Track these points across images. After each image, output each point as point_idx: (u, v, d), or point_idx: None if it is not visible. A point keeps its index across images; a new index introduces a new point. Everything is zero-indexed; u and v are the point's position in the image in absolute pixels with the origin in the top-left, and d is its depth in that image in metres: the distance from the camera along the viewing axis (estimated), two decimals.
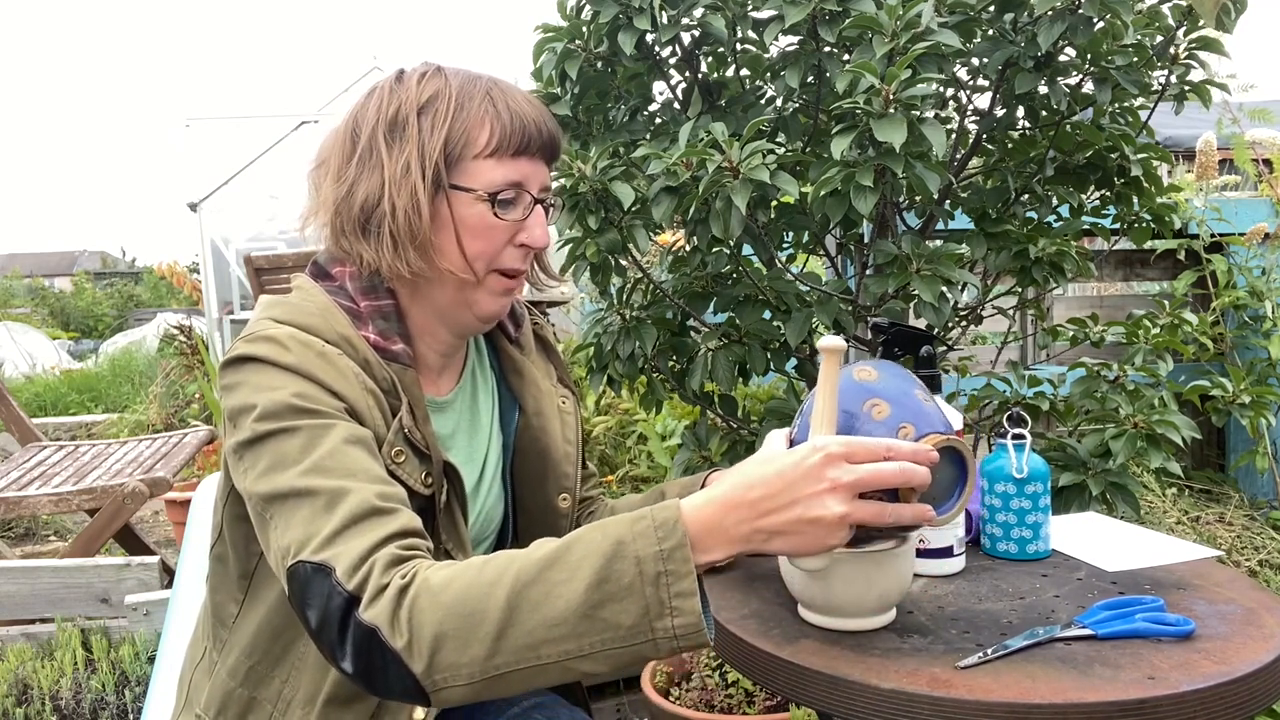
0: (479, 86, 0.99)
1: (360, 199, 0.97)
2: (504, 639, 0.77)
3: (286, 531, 0.85)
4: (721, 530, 0.80)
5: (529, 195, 1.01)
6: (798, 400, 1.75)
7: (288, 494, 0.86)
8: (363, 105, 1.01)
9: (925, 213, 1.85)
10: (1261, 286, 3.02)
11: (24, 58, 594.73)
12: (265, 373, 0.91)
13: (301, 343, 0.92)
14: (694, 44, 1.79)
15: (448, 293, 1.02)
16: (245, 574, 1.01)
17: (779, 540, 0.81)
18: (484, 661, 0.77)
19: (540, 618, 0.77)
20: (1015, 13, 1.65)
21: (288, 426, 0.88)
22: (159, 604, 2.06)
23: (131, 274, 22.65)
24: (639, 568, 0.77)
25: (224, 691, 1.01)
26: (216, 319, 6.26)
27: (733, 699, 2.00)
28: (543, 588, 0.77)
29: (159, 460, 2.95)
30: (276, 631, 0.99)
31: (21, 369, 8.84)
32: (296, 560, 0.83)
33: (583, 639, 0.77)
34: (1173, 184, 1.87)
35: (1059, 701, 0.79)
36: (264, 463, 0.88)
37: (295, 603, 0.83)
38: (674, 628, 0.77)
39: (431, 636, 0.77)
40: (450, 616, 0.77)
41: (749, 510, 0.80)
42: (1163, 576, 1.08)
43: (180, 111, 61.38)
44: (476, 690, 0.78)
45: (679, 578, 0.77)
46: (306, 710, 0.97)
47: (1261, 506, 2.97)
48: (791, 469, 0.80)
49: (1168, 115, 1.83)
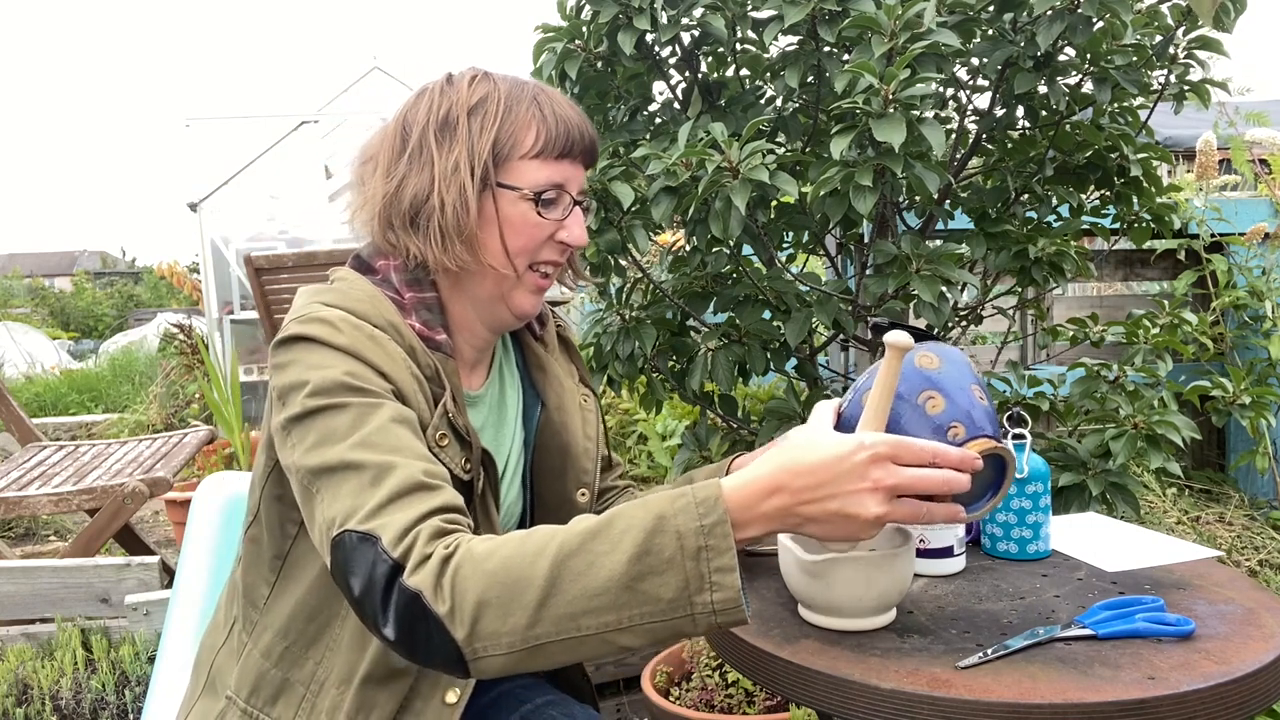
0: (526, 91, 1.04)
1: (410, 194, 1.01)
2: (545, 608, 0.78)
3: (333, 503, 0.86)
4: (759, 510, 0.82)
5: (569, 196, 1.06)
6: (798, 400, 1.75)
7: (335, 467, 0.87)
8: (413, 106, 1.06)
9: (925, 213, 1.85)
10: (1261, 286, 3.03)
11: (24, 58, 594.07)
12: (317, 352, 0.93)
13: (353, 325, 0.95)
14: (694, 44, 1.79)
15: (487, 288, 1.06)
16: (279, 555, 1.02)
17: (812, 526, 0.83)
18: (525, 630, 0.78)
19: (581, 588, 0.78)
20: (1015, 12, 1.65)
21: (338, 403, 0.90)
22: (159, 604, 2.05)
23: (131, 274, 22.65)
24: (680, 542, 0.79)
25: (257, 673, 1.01)
26: (216, 319, 6.26)
27: (733, 699, 2.00)
28: (585, 559, 0.79)
29: (159, 460, 2.95)
30: (311, 613, 1.00)
31: (21, 369, 8.84)
32: (342, 530, 0.84)
33: (622, 611, 0.78)
34: (1172, 184, 1.87)
35: (1059, 701, 0.79)
36: (313, 437, 0.89)
37: (338, 572, 0.85)
38: (713, 603, 0.78)
39: (474, 604, 0.79)
40: (493, 585, 0.79)
41: (789, 496, 0.82)
42: (1163, 576, 1.08)
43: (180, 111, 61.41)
44: (516, 660, 0.79)
45: (719, 553, 0.78)
46: (341, 690, 0.97)
47: (1261, 506, 2.97)
48: (835, 462, 0.81)
49: (1168, 115, 1.84)
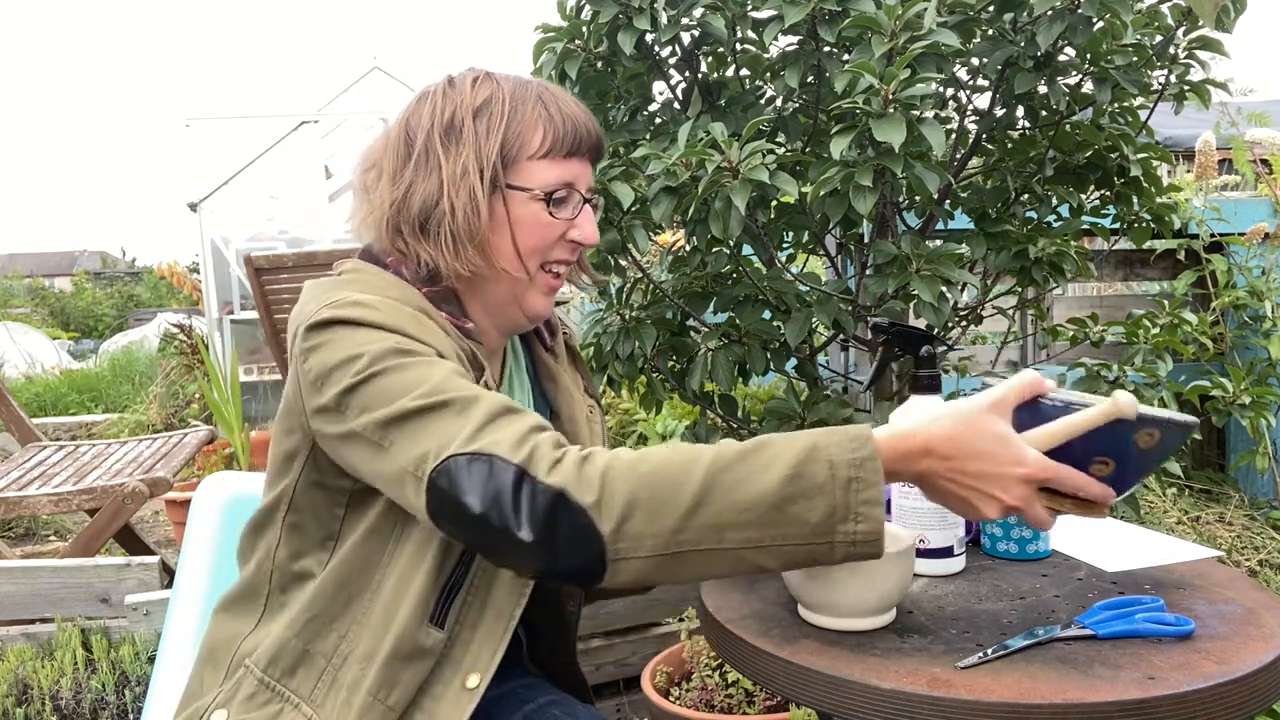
0: (531, 91, 1.04)
1: (419, 200, 1.01)
2: (694, 516, 0.79)
3: (418, 443, 0.85)
4: (906, 466, 0.85)
5: (579, 194, 1.06)
6: (798, 400, 1.75)
7: (412, 412, 0.86)
8: (415, 110, 1.05)
9: (925, 213, 1.85)
10: (1261, 286, 3.03)
11: (24, 57, 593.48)
12: (358, 331, 0.92)
13: (391, 306, 0.95)
14: (694, 44, 1.79)
15: (500, 290, 1.06)
16: (331, 535, 1.01)
17: (936, 496, 0.87)
18: (670, 535, 0.79)
19: (732, 500, 0.80)
20: (1015, 12, 1.64)
21: (396, 364, 0.89)
22: (159, 604, 2.05)
23: (131, 274, 22.64)
24: (831, 470, 0.80)
25: (278, 643, 0.99)
26: (216, 319, 6.25)
27: (733, 699, 2.00)
28: (737, 474, 0.80)
29: (159, 460, 2.94)
30: (341, 584, 0.98)
31: (21, 369, 8.83)
32: (444, 459, 0.83)
33: (767, 529, 0.80)
34: (1172, 184, 1.87)
35: (1059, 701, 0.79)
36: (377, 396, 0.88)
37: (445, 503, 0.83)
38: (855, 533, 0.80)
39: (624, 502, 0.80)
40: (645, 486, 0.80)
41: (938, 462, 0.84)
42: (1163, 576, 1.08)
43: (180, 111, 61.42)
44: (654, 566, 0.81)
45: (869, 485, 0.80)
46: (364, 666, 0.95)
47: (1261, 506, 2.97)
48: (993, 466, 0.84)
49: (1168, 115, 1.83)
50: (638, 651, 2.31)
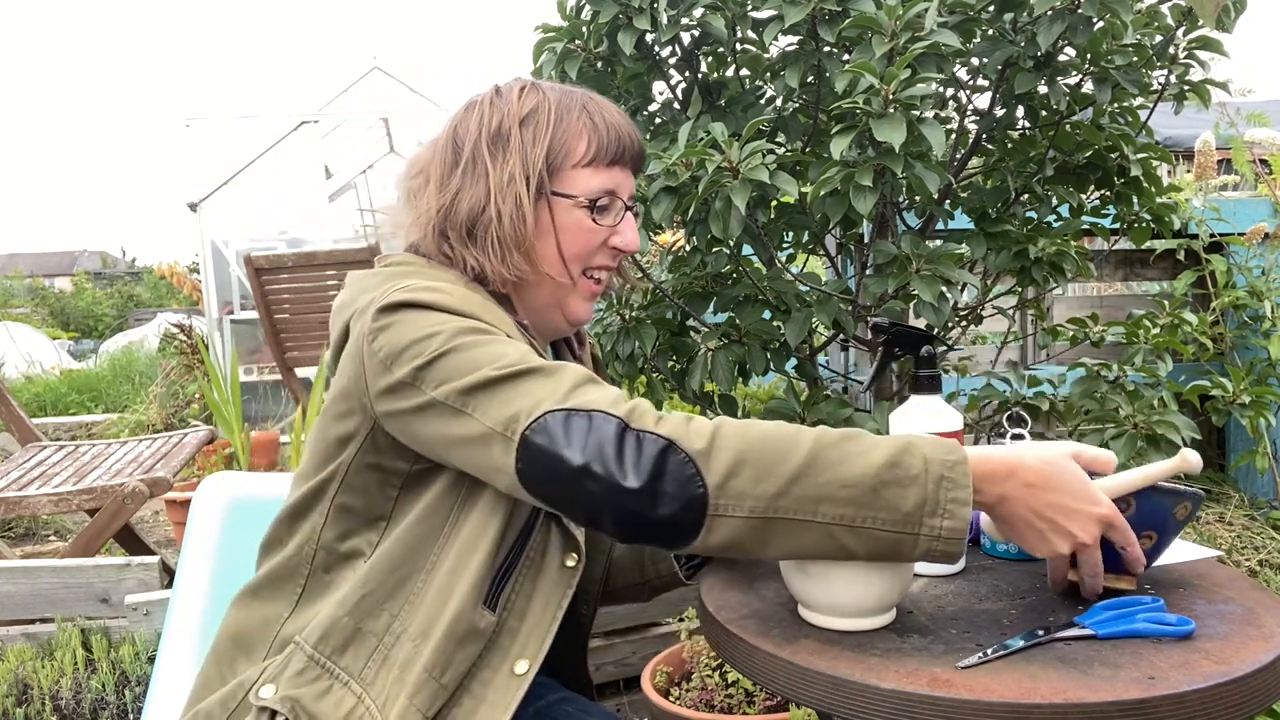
0: (575, 100, 1.07)
1: (466, 206, 1.03)
2: (796, 483, 0.82)
3: (509, 404, 0.87)
4: (990, 483, 0.87)
5: (621, 201, 1.09)
6: (798, 400, 1.75)
7: (497, 379, 0.88)
8: (462, 119, 1.08)
9: (925, 213, 1.85)
10: (1261, 286, 3.03)
11: (24, 57, 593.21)
12: (430, 314, 0.94)
13: (462, 293, 0.98)
14: (694, 44, 1.79)
15: (543, 296, 1.08)
16: (382, 516, 1.02)
17: (1009, 522, 0.90)
18: (770, 500, 0.82)
19: (834, 475, 0.82)
20: (1015, 13, 1.65)
21: (473, 341, 0.91)
22: (159, 604, 2.05)
23: (131, 274, 22.66)
24: (926, 465, 0.83)
25: (328, 620, 1.00)
26: (216, 319, 6.26)
27: (733, 699, 2.00)
28: (840, 452, 0.83)
29: (159, 460, 2.95)
30: (395, 564, 0.99)
31: (21, 369, 8.83)
32: (539, 415, 0.85)
33: (861, 509, 0.82)
34: (1172, 184, 1.87)
35: (1059, 701, 0.79)
36: (456, 368, 0.90)
37: (541, 458, 0.84)
38: (940, 528, 0.83)
39: (732, 459, 0.82)
40: (754, 448, 0.83)
41: (1018, 487, 0.87)
42: (1163, 576, 1.08)
43: (180, 111, 61.41)
44: (748, 528, 0.83)
45: (958, 486, 0.83)
46: (418, 644, 0.96)
47: (1261, 506, 2.97)
48: (1074, 501, 0.88)
49: (1168, 115, 1.83)
50: (638, 651, 2.31)
